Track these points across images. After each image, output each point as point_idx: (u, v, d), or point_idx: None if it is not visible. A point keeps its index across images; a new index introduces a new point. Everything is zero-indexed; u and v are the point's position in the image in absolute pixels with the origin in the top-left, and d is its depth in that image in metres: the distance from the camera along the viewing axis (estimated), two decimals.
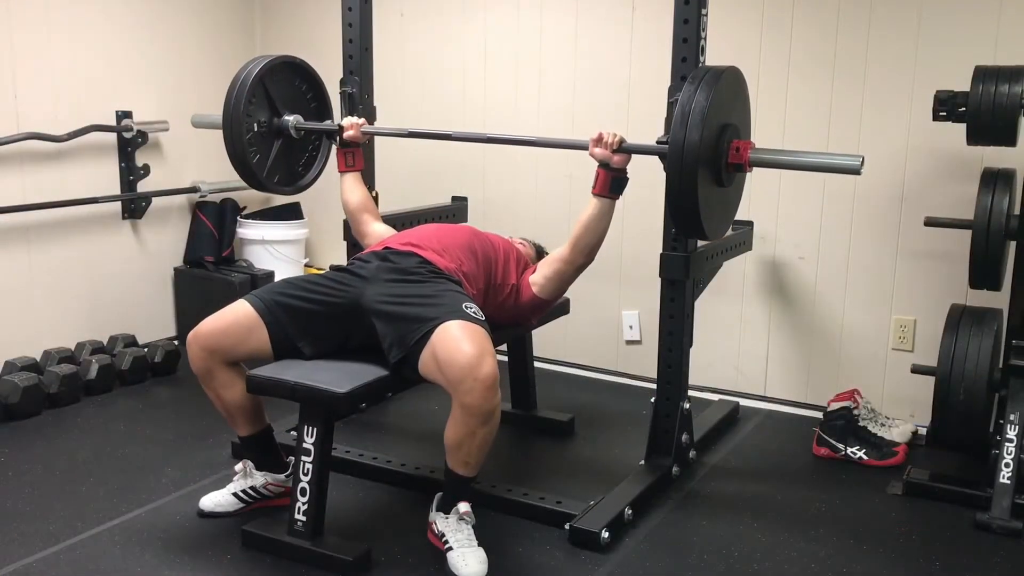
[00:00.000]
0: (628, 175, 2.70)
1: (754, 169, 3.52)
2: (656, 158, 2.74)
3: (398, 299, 2.51)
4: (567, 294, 3.13)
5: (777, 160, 2.67)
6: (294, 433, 2.82)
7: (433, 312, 2.41)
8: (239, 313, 2.58)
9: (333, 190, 3.50)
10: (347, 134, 3.12)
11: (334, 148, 3.23)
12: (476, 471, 2.47)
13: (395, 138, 4.16)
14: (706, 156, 2.42)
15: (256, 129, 3.07)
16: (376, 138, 3.43)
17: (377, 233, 3.08)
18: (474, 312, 2.45)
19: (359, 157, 3.18)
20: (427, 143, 4.21)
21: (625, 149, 2.64)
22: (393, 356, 2.46)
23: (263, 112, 3.09)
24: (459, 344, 2.31)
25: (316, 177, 3.31)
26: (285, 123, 3.14)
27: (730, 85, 2.54)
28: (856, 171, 2.45)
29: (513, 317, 2.90)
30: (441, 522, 2.51)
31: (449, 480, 2.50)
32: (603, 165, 2.68)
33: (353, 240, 3.26)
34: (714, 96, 2.40)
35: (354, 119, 3.15)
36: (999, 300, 3.02)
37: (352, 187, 3.16)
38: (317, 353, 2.59)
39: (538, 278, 2.83)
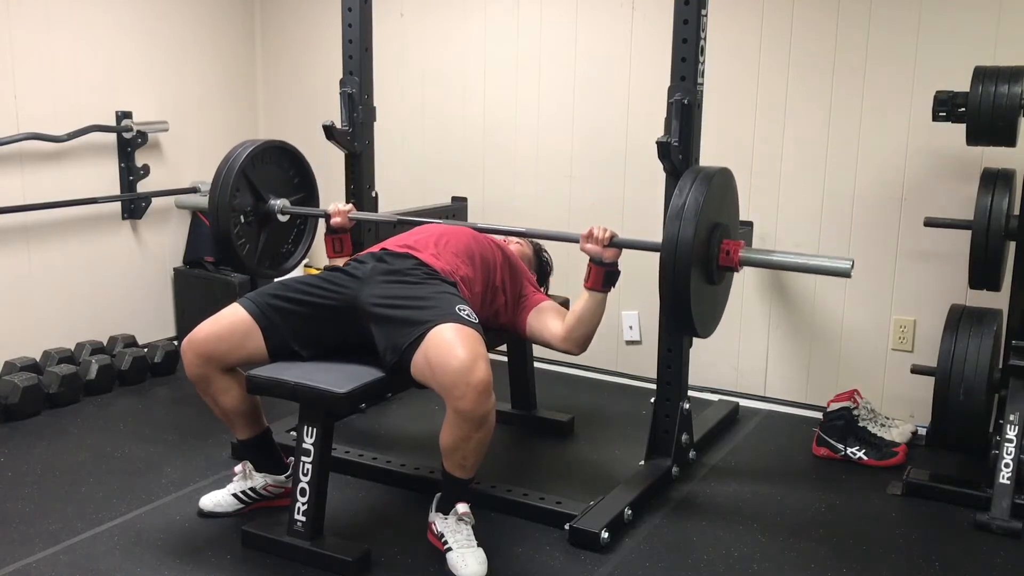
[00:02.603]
0: (619, 269, 2.69)
1: (753, 169, 3.56)
2: (657, 157, 2.75)
3: (392, 301, 2.51)
4: (566, 294, 3.14)
5: (766, 260, 2.72)
6: (294, 433, 2.82)
7: (426, 315, 2.40)
8: (234, 318, 2.57)
9: (333, 190, 3.51)
10: (334, 221, 3.03)
11: (322, 230, 3.18)
12: (473, 473, 2.47)
13: (398, 135, 4.21)
14: (698, 257, 2.47)
15: (243, 220, 3.09)
16: (376, 137, 3.43)
17: None
18: (468, 315, 2.44)
19: (347, 244, 3.06)
20: (427, 140, 4.24)
21: (616, 244, 2.65)
22: (388, 360, 2.45)
23: (248, 200, 3.11)
24: (452, 348, 2.30)
25: (304, 255, 3.36)
26: (271, 208, 3.15)
27: (720, 187, 2.58)
28: (846, 274, 2.50)
29: (509, 326, 2.89)
30: (440, 523, 2.51)
31: (446, 482, 2.50)
32: (595, 260, 2.66)
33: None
34: (706, 198, 2.45)
35: (340, 206, 3.05)
36: (999, 300, 3.02)
37: None
38: (314, 355, 2.58)
39: (533, 324, 2.83)
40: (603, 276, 2.66)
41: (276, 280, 2.84)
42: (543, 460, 3.28)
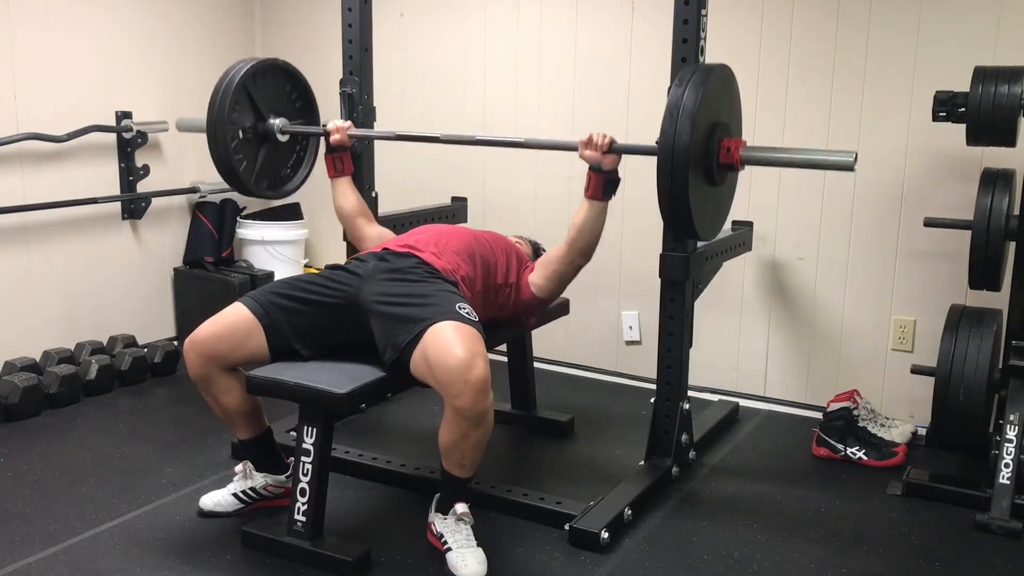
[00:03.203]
0: (620, 176, 2.69)
1: (753, 169, 3.55)
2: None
3: (392, 299, 2.51)
4: (566, 294, 3.13)
5: (769, 158, 2.66)
6: (294, 433, 2.82)
7: (426, 313, 2.41)
8: (236, 317, 2.57)
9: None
10: (333, 138, 3.07)
11: (322, 151, 3.20)
12: (472, 472, 2.47)
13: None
14: (697, 155, 2.40)
15: (241, 136, 3.04)
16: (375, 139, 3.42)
17: (373, 236, 3.07)
18: (467, 313, 2.44)
19: (348, 161, 3.12)
20: (426, 143, 4.23)
21: (615, 150, 2.63)
22: (387, 357, 2.46)
23: (247, 117, 3.06)
24: (450, 346, 2.30)
25: (304, 179, 3.30)
26: (270, 127, 3.12)
27: (719, 83, 2.53)
28: (850, 167, 2.43)
29: (512, 316, 2.90)
30: (440, 523, 2.51)
31: (445, 481, 2.50)
32: (594, 167, 2.67)
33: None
34: (703, 95, 2.38)
35: (339, 122, 3.10)
36: (999, 300, 3.02)
37: (344, 192, 3.14)
38: (315, 354, 2.58)
39: (537, 279, 2.83)
40: (603, 183, 2.66)
41: (278, 279, 2.83)
42: (543, 460, 3.28)
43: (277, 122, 3.12)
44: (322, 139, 3.15)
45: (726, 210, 2.79)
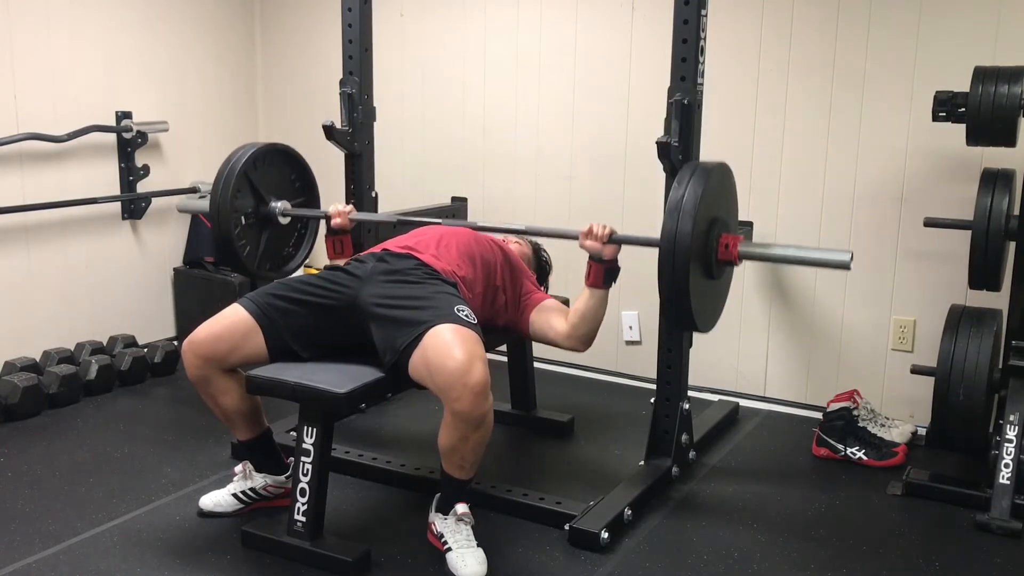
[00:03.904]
0: (620, 265, 2.69)
1: (753, 169, 3.56)
2: (657, 158, 2.75)
3: (391, 301, 2.50)
4: (566, 294, 3.13)
5: (766, 254, 2.71)
6: (294, 434, 2.82)
7: (424, 315, 2.40)
8: (234, 318, 2.57)
9: (333, 190, 3.51)
10: (334, 222, 3.05)
11: (322, 232, 3.18)
12: (472, 473, 2.47)
13: (398, 135, 4.21)
14: (697, 251, 2.46)
15: (244, 222, 3.07)
16: (376, 136, 3.42)
17: None
18: (466, 315, 2.43)
19: (348, 245, 3.09)
20: (427, 140, 4.24)
21: (615, 240, 2.65)
22: (387, 360, 2.45)
23: (249, 202, 3.09)
24: (449, 349, 2.30)
25: (306, 257, 3.34)
26: (272, 210, 3.14)
27: (718, 182, 2.57)
28: (846, 267, 2.48)
29: (510, 325, 2.89)
30: (440, 523, 2.51)
31: (445, 483, 2.50)
32: (594, 257, 2.66)
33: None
34: (703, 194, 2.44)
35: (340, 207, 3.07)
36: (999, 300, 3.02)
37: None
38: (314, 355, 2.58)
39: (536, 322, 2.82)
40: (603, 273, 2.66)
41: (276, 280, 2.84)
42: (543, 460, 3.28)
43: (278, 205, 3.15)
44: (323, 220, 3.14)
45: (723, 301, 2.83)
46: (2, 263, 3.68)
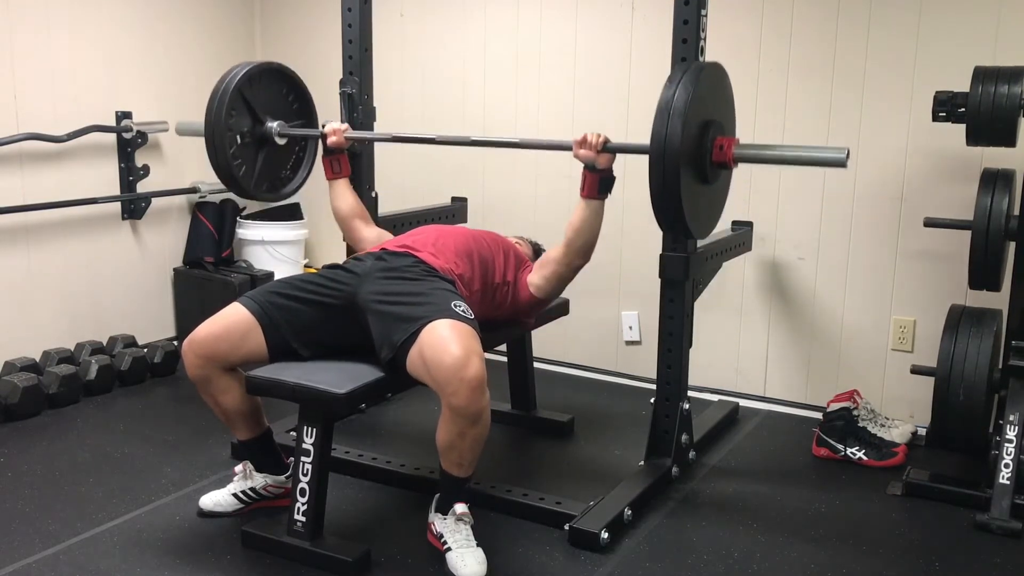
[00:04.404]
0: (615, 175, 2.69)
1: (753, 170, 3.56)
2: None
3: (389, 297, 2.51)
4: (566, 295, 3.13)
5: (762, 155, 2.68)
6: (294, 434, 2.82)
7: (421, 311, 2.41)
8: (234, 317, 2.57)
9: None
10: (330, 140, 3.08)
11: (320, 153, 3.19)
12: (470, 471, 2.47)
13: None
14: (689, 154, 2.40)
15: (240, 141, 3.05)
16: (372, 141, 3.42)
17: (371, 238, 3.06)
18: (463, 311, 2.44)
19: (345, 163, 3.14)
20: (425, 144, 4.23)
21: (610, 149, 2.64)
22: (384, 356, 2.46)
23: (245, 121, 3.07)
24: (446, 344, 2.30)
25: (303, 180, 3.30)
26: (268, 130, 3.12)
27: (711, 82, 2.53)
28: (842, 163, 2.43)
29: (511, 316, 2.90)
30: (439, 523, 2.51)
31: (444, 481, 2.50)
32: (589, 167, 2.67)
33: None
34: (694, 93, 2.38)
35: (336, 124, 3.11)
36: (999, 300, 3.02)
37: (341, 194, 3.14)
38: (314, 354, 2.59)
39: (536, 279, 2.83)
40: (598, 182, 2.67)
41: (277, 279, 2.84)
42: (543, 460, 3.28)
43: (274, 125, 3.13)
44: (320, 141, 3.15)
45: (720, 208, 2.79)
46: (2, 263, 3.68)
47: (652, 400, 3.02)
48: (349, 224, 3.14)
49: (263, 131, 3.12)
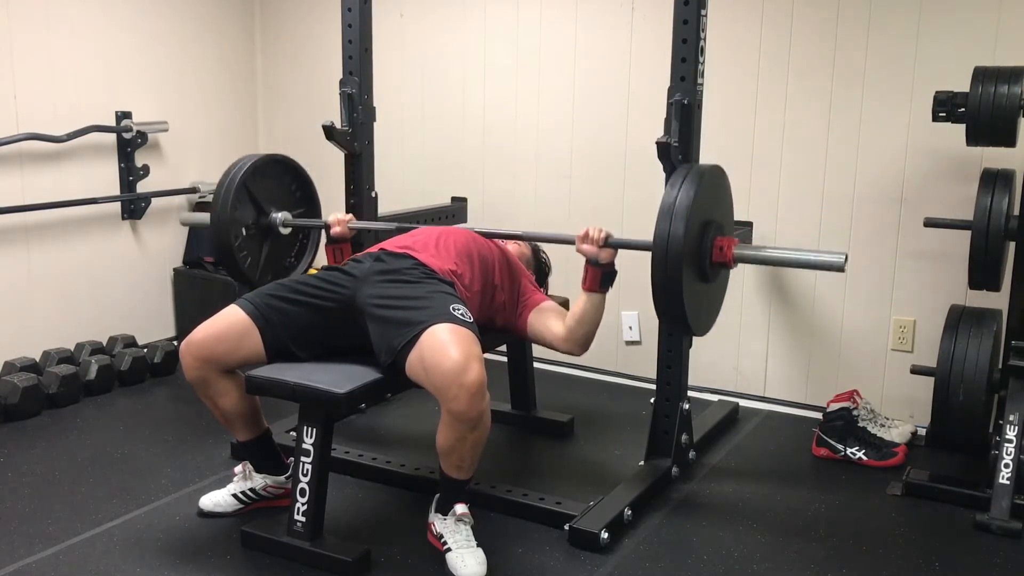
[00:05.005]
0: (616, 269, 2.68)
1: (753, 169, 3.56)
2: (657, 158, 2.75)
3: (388, 301, 2.50)
4: (566, 295, 3.13)
5: (760, 256, 2.71)
6: (293, 434, 2.82)
7: (421, 315, 2.40)
8: (232, 319, 2.56)
9: (333, 191, 3.51)
10: (334, 231, 3.04)
11: (323, 242, 3.17)
12: (470, 473, 2.47)
13: (398, 135, 4.21)
14: (690, 254, 2.45)
15: (244, 233, 3.08)
16: (375, 136, 3.42)
17: None
18: (462, 314, 2.43)
19: (348, 253, 3.08)
20: (427, 140, 4.24)
21: (611, 244, 2.64)
22: (383, 361, 2.45)
23: (249, 214, 3.10)
24: (445, 349, 2.30)
25: (308, 267, 3.33)
26: (273, 221, 3.15)
27: (711, 184, 2.57)
28: (840, 268, 2.47)
29: (507, 325, 2.89)
30: (439, 523, 2.51)
31: (444, 483, 2.50)
32: (591, 261, 2.65)
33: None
34: (697, 194, 2.44)
35: (339, 215, 3.07)
36: (998, 301, 3.02)
37: None
38: (311, 356, 2.58)
39: (534, 324, 2.81)
40: (600, 277, 2.66)
41: (275, 281, 2.84)
42: (543, 460, 3.28)
43: (279, 216, 3.16)
44: (324, 230, 3.13)
45: (719, 305, 2.82)
46: (2, 263, 3.68)
47: (652, 400, 3.02)
48: None
49: (268, 222, 3.16)
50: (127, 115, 4.04)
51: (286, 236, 3.23)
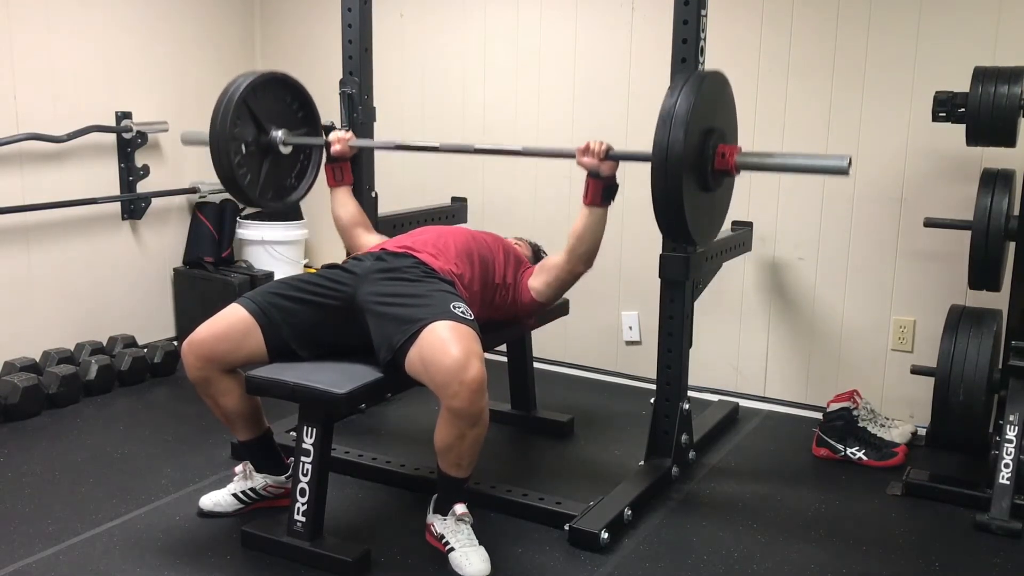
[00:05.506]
0: (618, 182, 2.69)
1: (753, 171, 3.55)
2: None
3: (388, 299, 2.51)
4: (566, 295, 3.13)
5: (764, 163, 2.68)
6: (294, 434, 2.82)
7: (421, 313, 2.41)
8: (233, 318, 2.56)
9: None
10: (334, 148, 3.08)
11: (324, 160, 3.19)
12: (469, 472, 2.47)
13: (398, 135, 4.18)
14: (691, 161, 2.41)
15: (244, 150, 3.04)
16: (375, 136, 3.42)
17: (371, 246, 3.06)
18: (462, 312, 2.44)
19: (347, 171, 3.14)
20: (427, 139, 4.22)
21: (613, 156, 2.64)
22: (383, 358, 2.45)
23: (249, 131, 3.06)
24: (446, 346, 2.30)
25: (309, 188, 3.29)
26: (272, 139, 3.11)
27: (713, 90, 2.53)
28: (844, 171, 2.41)
29: (510, 317, 2.90)
30: (439, 524, 2.51)
31: (443, 482, 2.50)
32: (592, 174, 2.67)
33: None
34: (696, 101, 2.39)
35: (340, 133, 3.11)
36: (998, 301, 3.02)
37: (342, 202, 3.13)
38: (313, 355, 2.58)
39: (536, 283, 2.83)
40: (601, 190, 2.67)
41: (276, 279, 2.84)
42: (543, 460, 3.28)
43: (279, 134, 3.12)
44: (324, 149, 3.14)
45: (722, 215, 2.79)
46: (2, 263, 3.68)
47: (652, 400, 3.02)
48: (350, 232, 3.13)
49: (267, 140, 3.12)
50: (127, 115, 4.04)
51: (287, 156, 3.18)
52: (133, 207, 4.13)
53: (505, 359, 3.42)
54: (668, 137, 2.37)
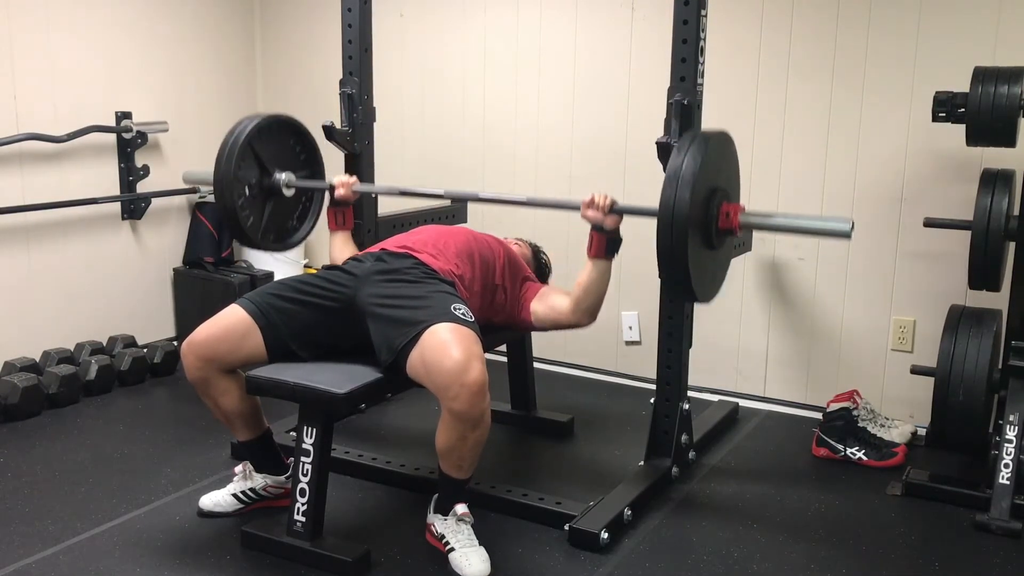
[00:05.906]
0: (621, 236, 2.69)
1: (754, 168, 3.56)
2: (657, 158, 2.75)
3: (388, 301, 2.51)
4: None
5: (767, 223, 2.70)
6: (294, 434, 2.82)
7: (422, 315, 2.40)
8: (233, 318, 2.56)
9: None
10: (338, 193, 3.06)
11: (327, 203, 3.17)
12: (470, 473, 2.47)
13: (398, 135, 4.21)
14: (696, 221, 2.43)
15: (247, 192, 3.05)
16: (376, 137, 3.42)
17: None
18: (463, 314, 2.44)
19: (349, 216, 3.12)
20: (428, 141, 4.25)
21: (617, 211, 2.65)
22: (384, 360, 2.45)
23: (253, 173, 3.07)
24: (447, 349, 2.30)
25: (310, 231, 3.30)
26: (276, 182, 3.12)
27: (718, 150, 2.55)
28: (846, 235, 2.45)
29: (508, 322, 2.89)
30: (440, 524, 2.51)
31: (443, 483, 2.50)
32: (596, 228, 2.67)
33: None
34: (703, 160, 2.42)
35: (344, 178, 3.09)
36: (998, 301, 3.02)
37: (341, 246, 3.10)
38: (312, 355, 2.58)
39: (538, 309, 2.83)
40: (605, 243, 2.67)
41: (275, 280, 2.84)
42: (543, 460, 3.28)
43: (282, 177, 3.13)
44: (328, 192, 3.13)
45: (724, 272, 2.80)
46: (2, 263, 3.68)
47: (652, 400, 3.02)
48: None
49: (271, 183, 3.13)
50: (127, 115, 4.04)
51: (289, 198, 3.19)
52: (133, 207, 4.13)
53: (505, 359, 3.42)
54: (675, 196, 2.40)
